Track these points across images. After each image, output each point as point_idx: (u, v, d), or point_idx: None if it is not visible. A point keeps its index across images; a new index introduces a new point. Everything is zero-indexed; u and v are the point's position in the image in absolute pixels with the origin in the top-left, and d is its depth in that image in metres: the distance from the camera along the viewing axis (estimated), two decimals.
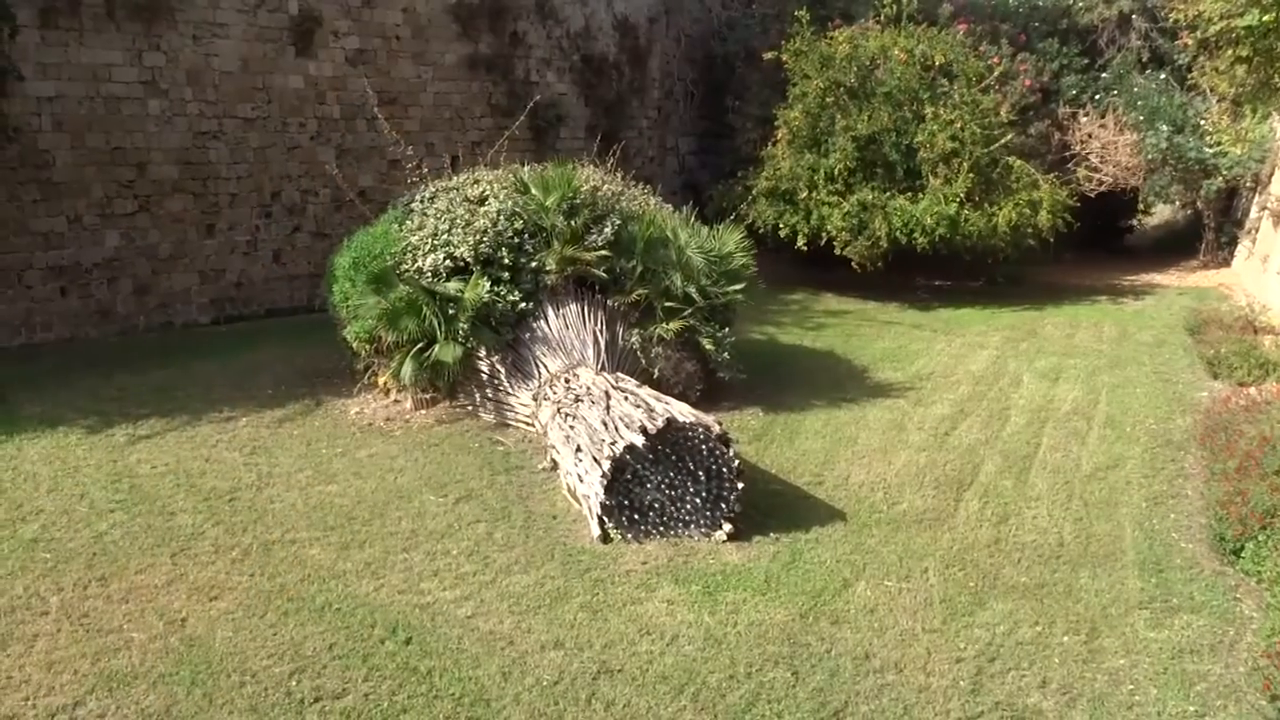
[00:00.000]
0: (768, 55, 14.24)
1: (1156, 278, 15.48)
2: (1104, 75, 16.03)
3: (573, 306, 7.65)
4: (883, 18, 14.17)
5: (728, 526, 5.52)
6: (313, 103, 11.28)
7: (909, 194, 13.00)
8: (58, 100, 9.25)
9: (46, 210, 9.31)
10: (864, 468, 6.77)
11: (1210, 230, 15.99)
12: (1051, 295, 13.88)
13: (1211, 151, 14.54)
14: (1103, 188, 15.39)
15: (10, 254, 9.11)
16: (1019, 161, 13.35)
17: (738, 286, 8.28)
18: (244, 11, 10.47)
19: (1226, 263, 15.67)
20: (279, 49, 10.86)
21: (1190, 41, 11.64)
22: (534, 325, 7.53)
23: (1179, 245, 17.61)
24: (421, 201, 8.07)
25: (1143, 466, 6.85)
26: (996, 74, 13.78)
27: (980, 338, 11.18)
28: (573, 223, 7.77)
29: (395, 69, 12.06)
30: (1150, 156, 14.73)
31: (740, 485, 5.56)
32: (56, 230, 9.40)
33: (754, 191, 13.81)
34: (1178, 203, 17.18)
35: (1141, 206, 18.10)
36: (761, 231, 13.17)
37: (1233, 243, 15.74)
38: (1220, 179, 14.66)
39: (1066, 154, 15.60)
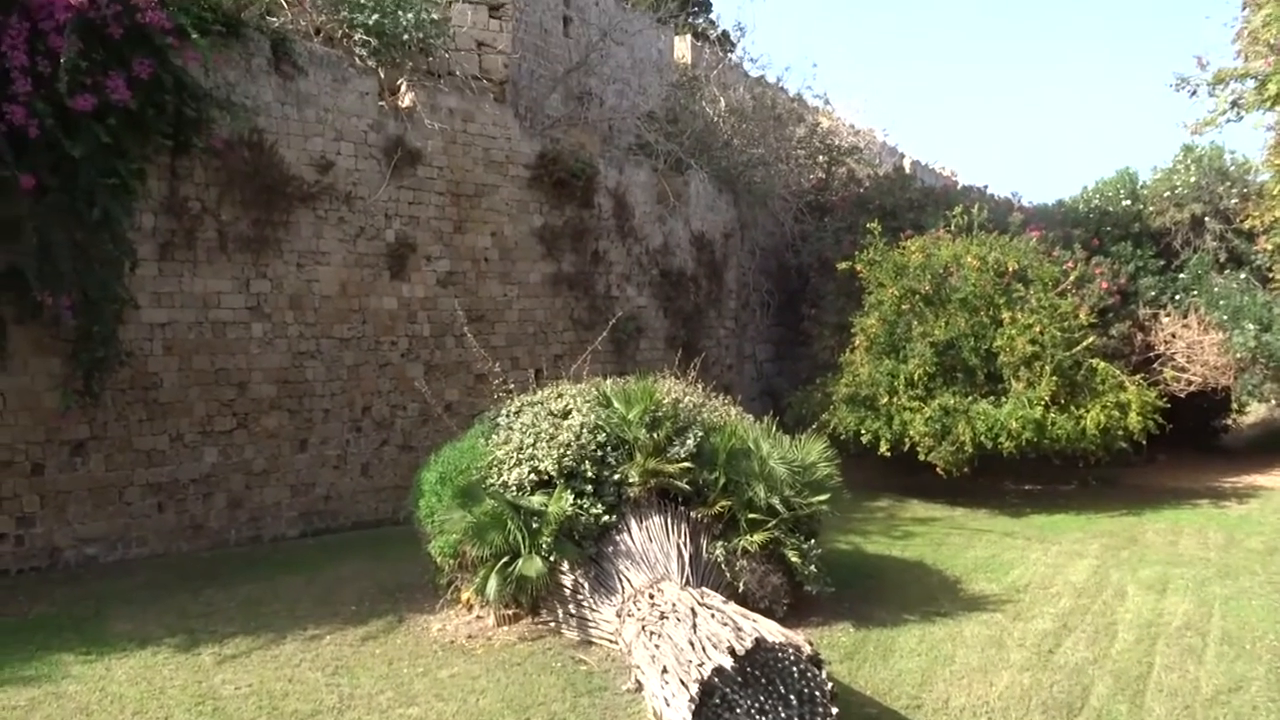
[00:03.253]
0: (842, 265, 14.60)
1: (1258, 479, 14.90)
2: (1182, 276, 16.03)
3: (656, 519, 7.61)
4: (954, 228, 14.51)
5: None
6: (404, 322, 11.80)
7: (991, 398, 12.90)
8: (169, 326, 9.82)
9: (151, 429, 9.72)
10: (964, 690, 6.43)
11: None
12: (1149, 499, 13.41)
13: None
14: (1192, 387, 15.10)
15: (114, 471, 9.46)
16: (1103, 363, 13.23)
17: (822, 497, 8.17)
18: (344, 241, 11.15)
19: None
20: (375, 273, 11.48)
21: (1269, 246, 11.67)
22: (617, 539, 7.49)
23: (1278, 444, 17.02)
24: (507, 416, 8.24)
25: (1269, 689, 6.38)
26: (1072, 278, 13.88)
27: (1077, 545, 10.77)
28: (655, 435, 7.83)
29: (483, 288, 12.62)
30: (1239, 355, 14.49)
31: (834, 710, 5.31)
32: (159, 448, 9.78)
33: (834, 398, 13.84)
34: (1273, 400, 16.74)
35: (1235, 405, 17.68)
36: (843, 438, 13.11)
37: None
38: None
39: (1151, 354, 15.43)
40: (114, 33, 8.32)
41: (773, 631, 5.54)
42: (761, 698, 5.33)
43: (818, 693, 5.33)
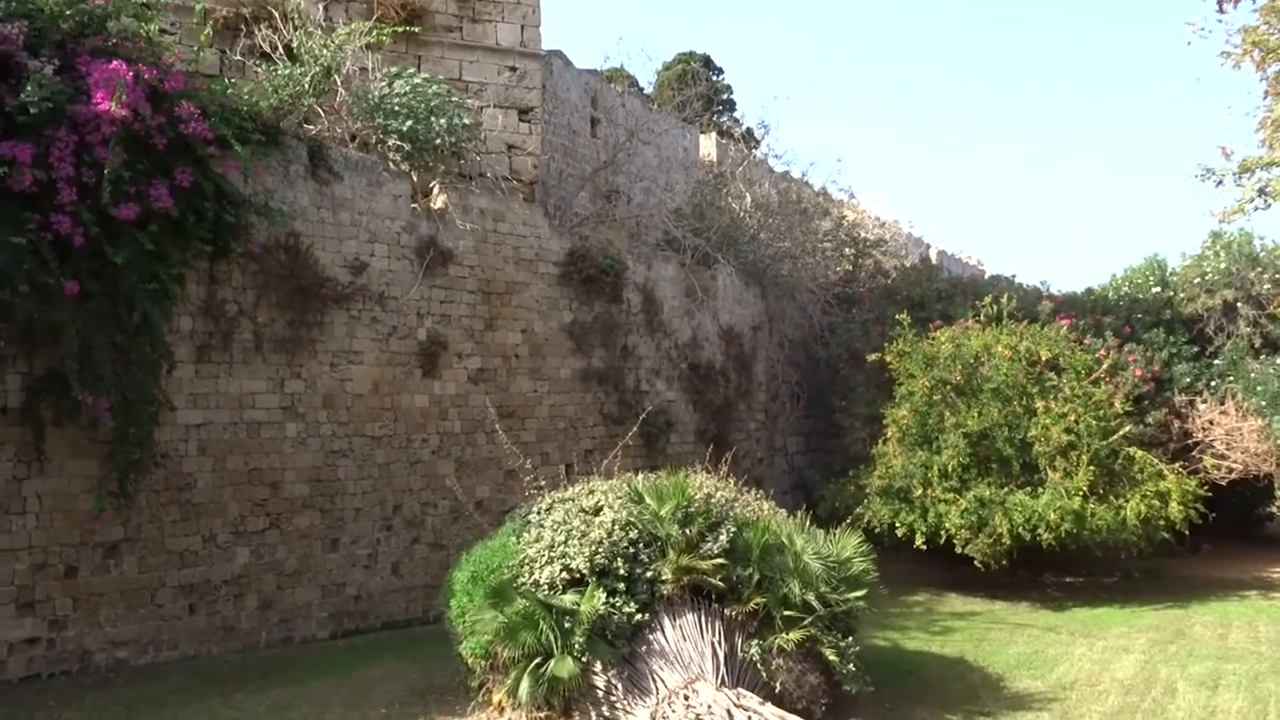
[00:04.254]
0: (871, 356, 14.59)
1: None
2: (1216, 362, 15.86)
3: (689, 617, 7.50)
4: (983, 317, 14.50)
5: None
6: (436, 419, 11.86)
7: (1028, 489, 12.72)
8: (204, 427, 9.93)
9: (184, 530, 9.75)
10: None
11: None
12: (1195, 591, 13.07)
13: None
14: (1233, 475, 14.81)
15: (147, 573, 9.46)
16: (1140, 452, 13.03)
17: (859, 592, 8.03)
18: (377, 340, 11.30)
19: None
20: (407, 371, 11.59)
21: None
22: (650, 638, 7.37)
23: None
24: (538, 513, 8.21)
25: None
26: (1106, 366, 13.78)
27: (1123, 640, 10.47)
28: (687, 531, 7.77)
29: (514, 385, 12.70)
30: (1279, 442, 14.24)
31: None
32: (191, 549, 9.79)
33: (867, 490, 13.69)
34: None
35: (1278, 493, 17.30)
36: (877, 531, 12.92)
37: None
38: None
39: (1189, 442, 15.19)
40: (158, 144, 8.61)
41: None
42: None
43: None
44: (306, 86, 11.25)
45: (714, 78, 36.74)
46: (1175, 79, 76.71)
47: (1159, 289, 16.91)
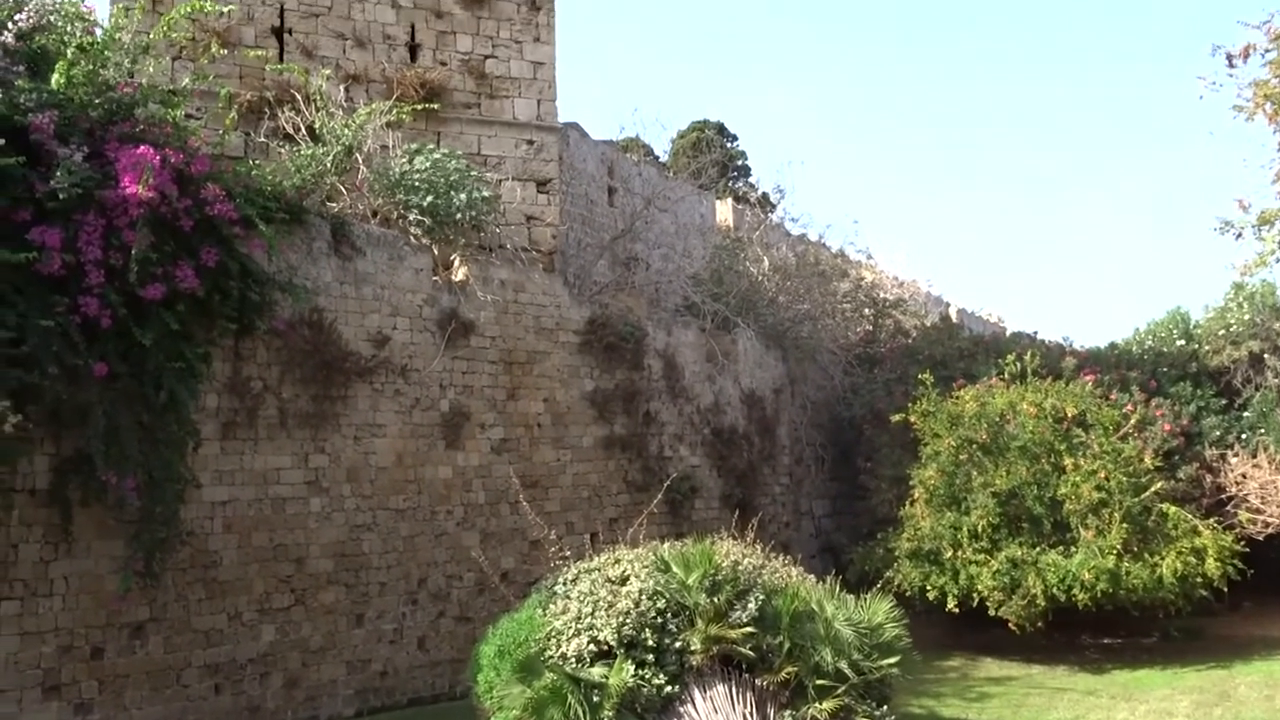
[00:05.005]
0: (895, 417, 14.50)
1: None
2: (1246, 414, 15.67)
3: (720, 688, 7.37)
4: (1006, 375, 14.42)
5: None
6: (460, 490, 11.84)
7: (1060, 548, 12.52)
8: (230, 504, 9.94)
9: (210, 608, 9.71)
10: None
11: None
12: (1237, 650, 12.75)
13: None
14: (1270, 529, 14.53)
15: (172, 653, 9.41)
16: (1173, 508, 12.83)
17: (892, 659, 7.88)
18: (400, 412, 11.34)
19: None
20: (430, 443, 11.60)
21: None
22: (681, 710, 7.24)
23: None
24: (564, 584, 8.13)
25: None
26: (1133, 421, 13.63)
27: (1166, 703, 10.21)
28: (716, 600, 7.66)
29: (537, 454, 12.68)
30: None
31: None
32: (217, 627, 9.74)
33: (896, 553, 13.53)
34: None
35: None
36: (908, 594, 12.75)
37: None
38: None
39: (1223, 496, 14.94)
40: (184, 225, 8.76)
41: None
42: None
43: None
44: (329, 165, 11.46)
45: (728, 144, 37.22)
46: (1190, 131, 77.10)
47: (1183, 342, 16.80)
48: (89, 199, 8.19)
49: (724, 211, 23.11)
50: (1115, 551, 12.06)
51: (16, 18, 8.41)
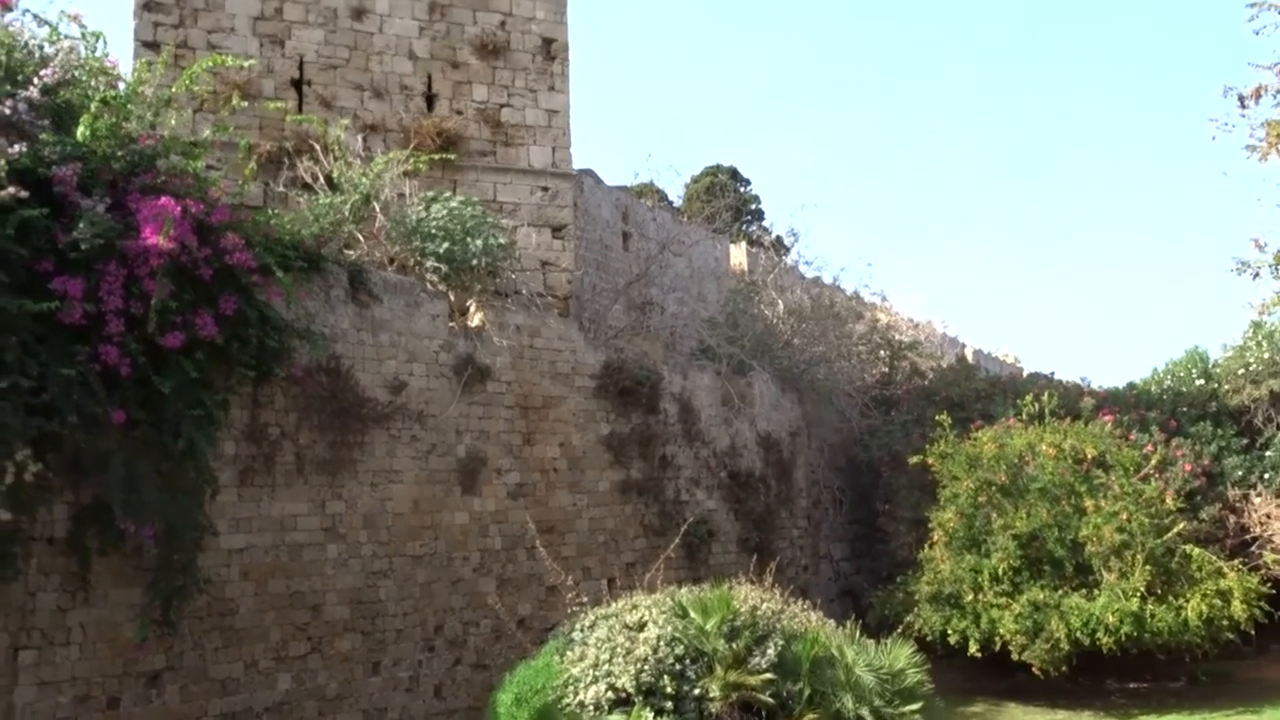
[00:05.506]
0: (914, 459, 14.43)
1: None
2: (1269, 454, 15.53)
3: None
4: (1024, 416, 14.35)
5: None
6: (476, 536, 11.80)
7: (1083, 590, 12.38)
8: (247, 551, 9.93)
9: (226, 656, 9.67)
10: None
11: None
12: (1266, 694, 12.55)
13: None
14: None
15: (189, 702, 9.35)
16: (1197, 549, 12.70)
17: (914, 705, 7.81)
18: (417, 458, 11.35)
19: None
20: (447, 489, 11.60)
21: None
22: None
23: None
24: (581, 630, 8.09)
25: None
26: (1154, 462, 13.53)
27: None
28: (734, 646, 7.62)
29: (553, 499, 12.65)
30: None
31: None
32: (233, 676, 9.69)
33: (916, 597, 13.40)
34: None
35: None
36: (929, 638, 12.60)
37: None
38: None
39: (1247, 537, 14.77)
40: (204, 274, 8.84)
41: None
42: None
43: None
44: (347, 213, 11.58)
45: (741, 189, 37.45)
46: (1203, 171, 77.22)
47: (1202, 381, 16.70)
48: (111, 249, 8.27)
49: (738, 255, 23.21)
50: (1139, 594, 11.92)
51: (42, 73, 8.56)
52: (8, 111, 8.17)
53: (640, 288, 18.17)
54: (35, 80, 8.49)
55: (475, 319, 12.35)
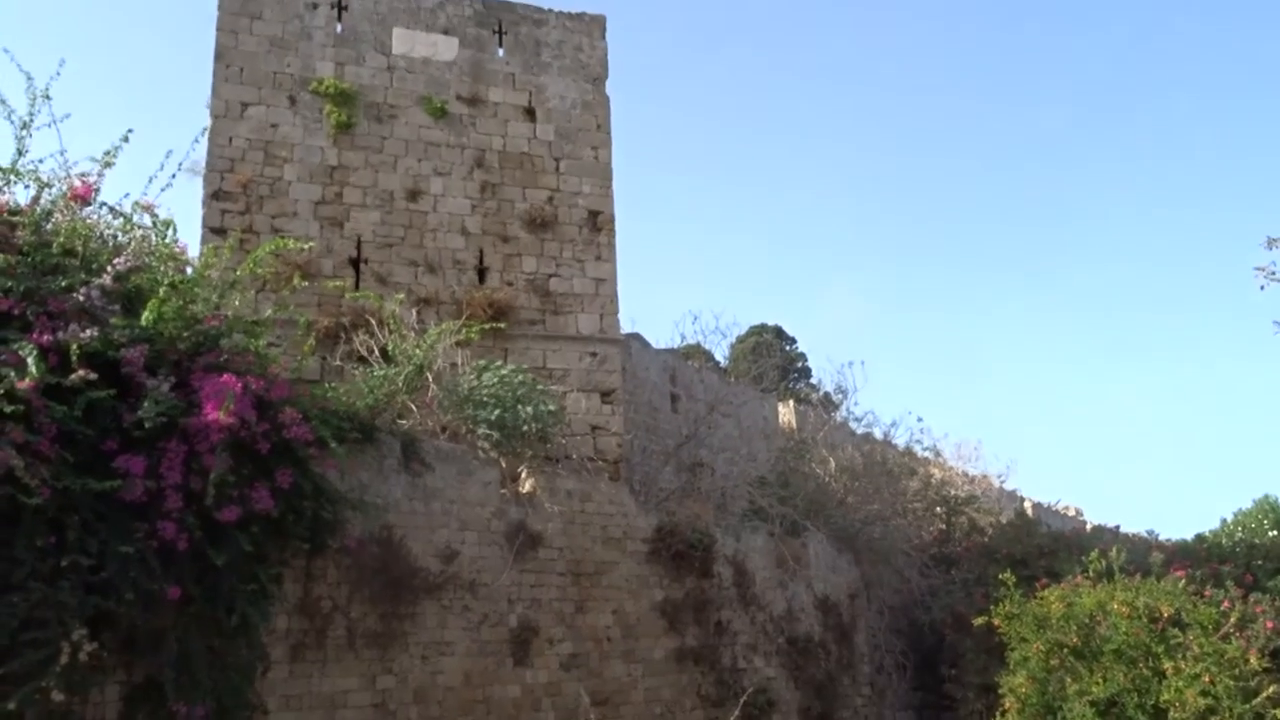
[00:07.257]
0: (978, 620, 13.90)
1: None
2: None
3: None
4: (1091, 572, 13.86)
5: None
6: (528, 710, 11.47)
7: None
8: None
9: None
10: None
11: None
12: None
13: None
14: None
15: None
16: None
17: None
18: (468, 629, 11.18)
19: None
20: (498, 661, 11.36)
21: None
22: None
23: None
24: None
25: None
26: (1234, 619, 12.91)
27: None
28: None
29: (607, 669, 12.32)
30: None
31: None
32: None
33: None
34: None
35: None
36: None
37: None
38: None
39: None
40: (261, 448, 9.00)
41: None
42: None
43: None
44: (400, 384, 11.81)
45: (787, 347, 37.76)
46: (1254, 321, 76.66)
47: (1275, 532, 16.14)
48: (173, 426, 8.49)
49: (786, 414, 23.18)
50: None
51: (115, 261, 9.01)
52: (81, 298, 8.56)
53: (690, 449, 18.13)
54: (109, 268, 8.92)
55: (527, 485, 12.37)
